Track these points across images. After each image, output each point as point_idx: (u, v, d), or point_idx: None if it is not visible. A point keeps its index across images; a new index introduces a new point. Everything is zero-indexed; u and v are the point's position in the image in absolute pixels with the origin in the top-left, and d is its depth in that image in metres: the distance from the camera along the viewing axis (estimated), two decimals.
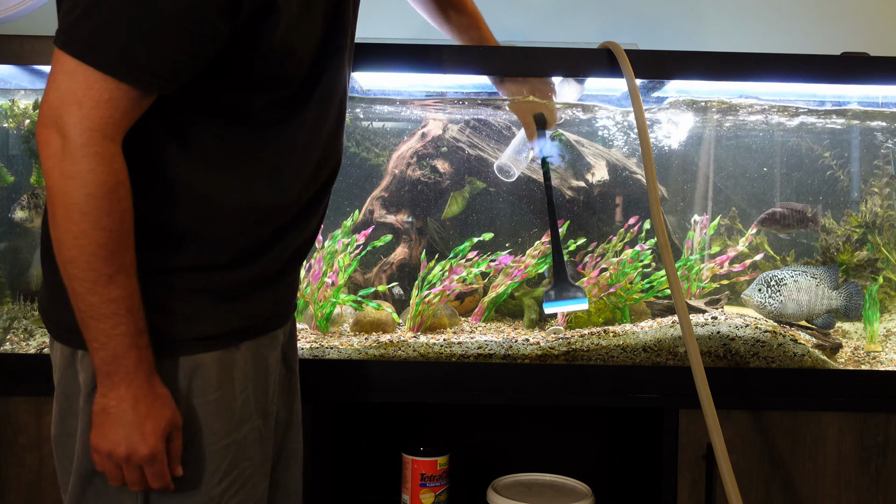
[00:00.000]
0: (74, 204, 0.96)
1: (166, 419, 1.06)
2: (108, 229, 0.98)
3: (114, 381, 1.03)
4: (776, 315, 1.79)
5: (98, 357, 1.02)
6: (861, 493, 1.65)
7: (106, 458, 1.05)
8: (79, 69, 0.95)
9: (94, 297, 0.99)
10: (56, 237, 0.99)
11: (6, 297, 1.93)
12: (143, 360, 1.03)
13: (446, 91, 1.91)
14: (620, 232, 1.95)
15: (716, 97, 1.91)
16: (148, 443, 1.04)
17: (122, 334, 1.01)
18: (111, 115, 0.96)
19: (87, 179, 0.96)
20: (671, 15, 2.29)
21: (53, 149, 0.96)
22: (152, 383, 1.05)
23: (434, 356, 1.69)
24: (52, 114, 0.96)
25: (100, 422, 1.05)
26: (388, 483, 1.89)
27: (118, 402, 1.03)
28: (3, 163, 1.93)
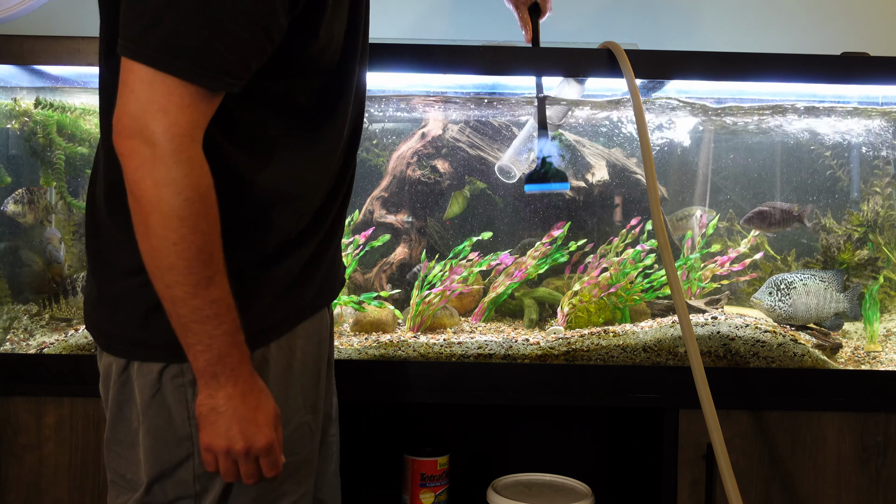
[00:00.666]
0: (172, 210, 0.96)
1: (273, 409, 1.08)
2: (205, 232, 0.99)
3: (220, 380, 1.03)
4: (786, 318, 1.80)
5: (202, 359, 1.03)
6: (861, 493, 1.65)
7: (224, 456, 1.06)
8: (156, 77, 0.95)
9: (197, 301, 1.00)
10: (152, 246, 0.99)
11: (6, 296, 1.93)
12: (244, 355, 1.05)
13: (446, 91, 1.91)
14: (623, 233, 1.95)
15: (715, 97, 1.91)
16: (264, 433, 1.06)
17: (225, 333, 1.02)
18: (195, 118, 0.97)
19: (182, 185, 0.96)
20: (671, 15, 2.29)
21: (141, 159, 0.96)
22: (255, 377, 1.07)
23: (434, 356, 1.69)
24: (134, 124, 0.96)
25: (211, 421, 1.05)
26: (388, 483, 1.89)
27: (227, 400, 1.04)
28: (3, 163, 1.93)
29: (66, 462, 1.61)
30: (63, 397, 1.60)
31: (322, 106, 1.15)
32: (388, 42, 1.60)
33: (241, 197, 1.10)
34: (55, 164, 1.87)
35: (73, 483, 1.61)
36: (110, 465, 1.18)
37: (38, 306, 1.90)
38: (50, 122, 1.86)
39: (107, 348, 1.14)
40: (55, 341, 1.70)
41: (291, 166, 1.14)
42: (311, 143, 1.15)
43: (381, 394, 1.67)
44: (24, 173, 1.94)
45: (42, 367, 1.63)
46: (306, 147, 1.15)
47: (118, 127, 0.97)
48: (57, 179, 1.88)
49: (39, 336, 1.80)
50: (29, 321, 1.88)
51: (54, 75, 1.77)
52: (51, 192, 1.93)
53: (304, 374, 1.20)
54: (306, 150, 1.15)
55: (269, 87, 1.09)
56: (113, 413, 1.15)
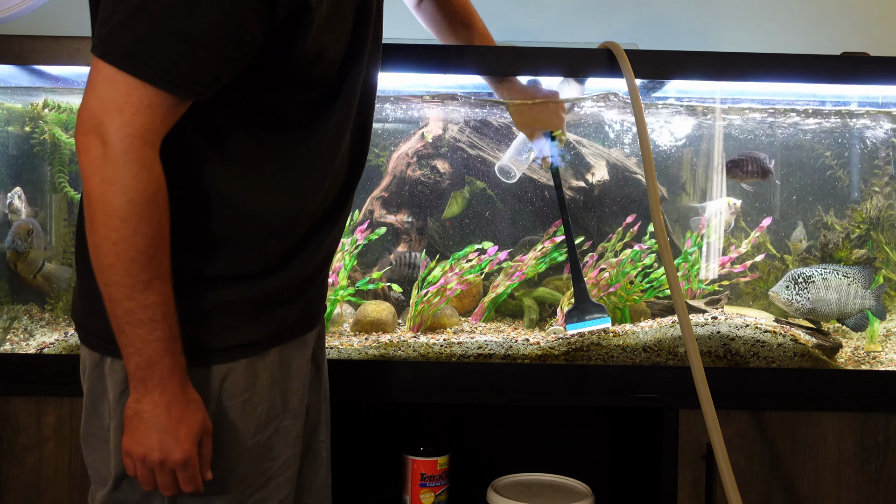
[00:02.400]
0: (115, 210, 0.97)
1: (199, 424, 1.07)
2: (147, 235, 0.98)
3: (148, 386, 1.03)
4: (804, 313, 1.76)
5: (133, 362, 1.03)
6: (861, 493, 1.65)
7: (139, 463, 1.06)
8: (118, 76, 0.96)
9: (131, 303, 1.00)
10: (94, 243, 0.99)
11: (6, 296, 1.93)
12: (177, 365, 1.04)
13: (446, 91, 1.91)
14: (619, 231, 1.94)
15: (716, 97, 1.91)
16: (182, 447, 1.04)
17: (157, 340, 1.01)
18: (151, 121, 0.97)
19: (128, 186, 0.96)
20: (671, 15, 2.29)
21: (94, 155, 0.96)
22: (185, 388, 1.06)
23: (434, 356, 1.69)
24: (92, 121, 0.97)
25: (133, 426, 1.05)
26: (388, 483, 1.89)
27: (152, 407, 1.04)
28: (3, 164, 1.93)
29: (66, 462, 1.61)
30: (63, 397, 1.60)
31: (310, 119, 1.14)
32: (388, 42, 1.59)
33: (225, 209, 1.10)
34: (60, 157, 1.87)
35: (73, 483, 1.61)
36: (87, 459, 1.18)
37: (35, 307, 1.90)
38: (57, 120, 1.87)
39: (83, 340, 1.16)
40: (55, 341, 1.70)
41: (278, 180, 1.13)
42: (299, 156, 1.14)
43: (381, 394, 1.67)
44: (28, 174, 1.94)
45: (42, 367, 1.63)
46: (295, 160, 1.14)
47: (78, 122, 0.98)
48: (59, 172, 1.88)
49: (39, 336, 1.80)
50: (29, 321, 1.88)
51: (54, 75, 1.77)
52: None
53: (284, 378, 1.19)
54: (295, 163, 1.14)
55: (258, 102, 1.09)
56: (87, 407, 1.16)
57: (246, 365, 1.14)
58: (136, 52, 0.95)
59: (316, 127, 1.15)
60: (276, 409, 1.18)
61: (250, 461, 1.16)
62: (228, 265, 1.12)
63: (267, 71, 1.06)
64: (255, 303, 1.14)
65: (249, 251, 1.13)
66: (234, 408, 1.13)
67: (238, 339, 1.13)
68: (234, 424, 1.13)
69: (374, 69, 1.25)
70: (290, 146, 1.13)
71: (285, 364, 1.20)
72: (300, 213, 1.17)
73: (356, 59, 1.17)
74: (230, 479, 1.14)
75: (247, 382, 1.14)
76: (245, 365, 1.14)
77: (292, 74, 1.08)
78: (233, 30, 0.98)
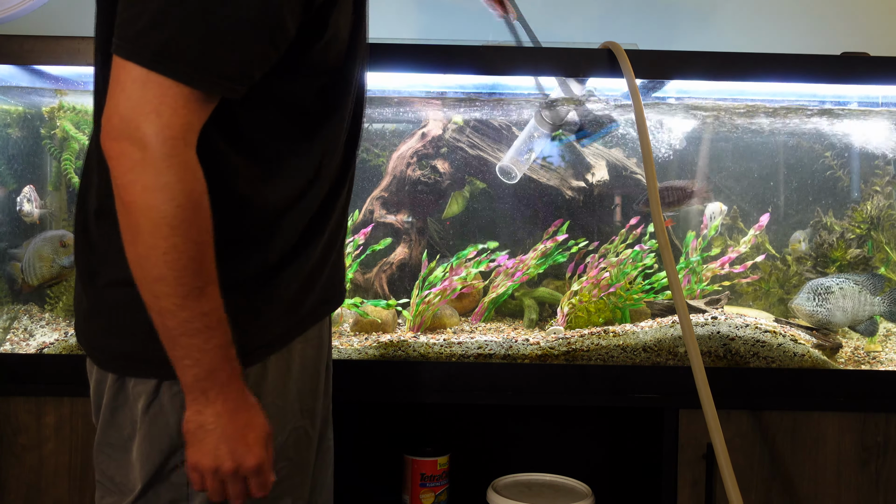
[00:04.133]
0: (162, 217, 0.92)
1: (263, 427, 1.04)
2: (196, 241, 0.94)
3: (209, 396, 0.99)
4: (824, 323, 1.79)
5: (190, 374, 0.98)
6: (861, 493, 1.65)
7: (210, 475, 1.02)
8: (150, 77, 0.91)
9: (186, 313, 0.95)
10: (140, 255, 0.94)
11: (6, 296, 1.93)
12: (235, 371, 1.01)
13: (446, 91, 1.91)
14: (622, 233, 1.95)
15: (716, 97, 1.91)
16: (254, 453, 1.02)
17: (215, 347, 0.98)
18: (189, 121, 0.93)
19: (175, 190, 0.91)
20: (671, 15, 2.29)
21: (131, 161, 0.91)
22: (245, 393, 1.03)
23: (434, 356, 1.69)
24: (125, 125, 0.92)
25: (198, 439, 1.01)
26: (388, 483, 1.89)
27: (216, 417, 1.00)
28: (4, 164, 1.93)
29: (66, 462, 1.61)
30: (63, 397, 1.60)
31: (324, 106, 1.13)
32: (388, 42, 1.60)
33: (244, 206, 1.07)
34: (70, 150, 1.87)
35: (73, 483, 1.61)
36: (99, 466, 1.16)
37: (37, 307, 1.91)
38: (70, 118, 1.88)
39: (101, 364, 1.11)
40: (55, 341, 1.70)
41: (293, 171, 1.11)
42: (312, 145, 1.13)
43: (381, 394, 1.67)
44: (33, 174, 1.94)
45: (42, 367, 1.63)
46: (307, 150, 1.12)
47: (107, 127, 0.93)
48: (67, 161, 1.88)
49: (39, 336, 1.80)
50: (29, 321, 1.88)
51: (54, 75, 1.77)
52: None
53: (302, 378, 1.18)
54: (306, 153, 1.12)
55: (278, 89, 1.06)
56: (105, 417, 1.12)
57: (276, 363, 1.13)
58: (168, 52, 0.91)
59: (329, 113, 1.13)
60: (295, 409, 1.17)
61: (285, 460, 1.15)
62: (254, 263, 1.09)
63: (294, 59, 1.03)
64: (276, 295, 1.12)
65: (269, 246, 1.10)
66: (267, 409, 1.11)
67: (268, 334, 1.11)
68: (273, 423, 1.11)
69: (366, 61, 1.24)
70: (308, 135, 1.11)
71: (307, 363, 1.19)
72: (311, 201, 1.14)
73: (358, 40, 1.16)
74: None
75: (276, 383, 1.13)
76: (275, 363, 1.13)
77: (316, 60, 1.06)
78: (269, 27, 0.96)
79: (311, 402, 1.21)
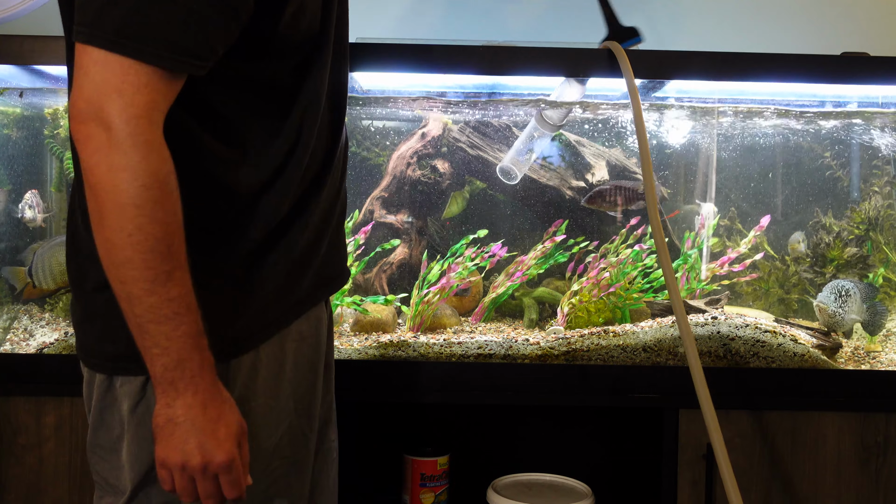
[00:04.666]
0: (127, 198, 0.90)
1: (236, 423, 1.00)
2: (163, 222, 0.92)
3: (178, 388, 0.96)
4: (839, 324, 1.78)
5: (159, 364, 0.95)
6: (861, 493, 1.65)
7: (179, 472, 0.98)
8: (111, 58, 0.90)
9: (154, 298, 0.93)
10: (105, 238, 0.92)
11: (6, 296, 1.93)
12: (206, 361, 0.97)
13: (446, 91, 1.91)
14: (623, 233, 1.95)
15: (716, 97, 1.91)
16: (224, 448, 0.97)
17: (184, 335, 0.95)
18: (153, 98, 0.91)
19: (139, 170, 0.89)
20: (671, 15, 2.29)
21: (97, 143, 0.90)
22: (217, 386, 0.99)
23: (434, 356, 1.69)
24: (89, 107, 0.90)
25: (167, 434, 0.97)
26: (388, 483, 1.89)
27: (186, 410, 0.96)
28: (4, 164, 1.93)
29: (66, 462, 1.61)
30: (63, 397, 1.60)
31: (298, 84, 1.10)
32: (388, 42, 1.60)
33: (220, 189, 1.05)
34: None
35: (73, 483, 1.61)
36: (94, 467, 1.14)
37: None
38: None
39: (92, 366, 1.10)
40: (55, 341, 1.70)
41: (268, 152, 1.08)
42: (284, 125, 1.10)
43: (381, 394, 1.67)
44: (34, 175, 1.94)
45: (42, 367, 1.63)
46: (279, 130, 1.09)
47: (73, 112, 0.91)
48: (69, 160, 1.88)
49: (39, 336, 1.80)
50: (29, 321, 1.88)
51: (54, 75, 1.77)
52: None
53: (296, 377, 1.16)
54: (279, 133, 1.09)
55: (249, 68, 1.04)
56: (94, 418, 1.11)
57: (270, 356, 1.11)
58: (126, 31, 0.89)
59: (306, 89, 1.10)
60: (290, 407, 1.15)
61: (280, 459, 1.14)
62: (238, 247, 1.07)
63: (259, 37, 1.02)
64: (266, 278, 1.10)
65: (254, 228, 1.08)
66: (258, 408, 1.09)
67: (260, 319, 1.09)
68: (260, 424, 1.09)
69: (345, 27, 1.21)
70: (287, 113, 1.09)
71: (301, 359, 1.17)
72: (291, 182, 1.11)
73: (330, 20, 1.13)
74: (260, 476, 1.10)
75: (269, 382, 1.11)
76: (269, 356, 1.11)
77: (281, 36, 1.04)
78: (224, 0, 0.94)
79: (308, 401, 1.19)
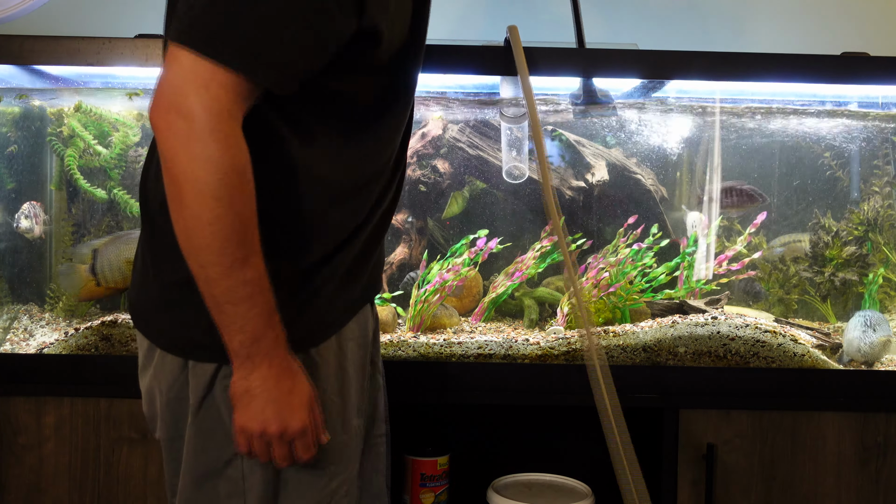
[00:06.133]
0: (207, 188, 0.94)
1: (307, 392, 1.07)
2: (239, 212, 0.97)
3: (254, 361, 1.03)
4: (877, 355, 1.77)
5: (236, 340, 1.02)
6: (861, 493, 1.65)
7: (257, 438, 1.05)
8: (201, 60, 0.94)
9: (231, 281, 0.98)
10: (186, 226, 0.97)
11: (6, 296, 1.93)
12: (280, 337, 1.04)
13: (446, 91, 1.91)
14: (620, 232, 1.95)
15: (716, 97, 1.91)
16: (298, 416, 1.05)
17: (259, 314, 1.01)
18: (236, 99, 0.96)
19: (218, 162, 0.94)
20: (671, 15, 2.29)
21: (178, 132, 0.94)
22: (289, 359, 1.06)
23: (434, 356, 1.69)
24: (174, 97, 0.95)
25: (245, 404, 1.04)
26: (388, 483, 1.89)
27: (262, 382, 1.03)
28: (4, 164, 1.93)
29: (66, 462, 1.61)
30: (63, 397, 1.60)
31: (383, 101, 1.15)
32: None
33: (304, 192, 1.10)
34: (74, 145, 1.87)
35: (73, 483, 1.61)
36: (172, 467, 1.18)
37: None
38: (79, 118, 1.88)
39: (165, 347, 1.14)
40: (55, 341, 1.70)
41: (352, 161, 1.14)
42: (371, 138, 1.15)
43: None
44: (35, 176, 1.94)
45: (42, 367, 1.63)
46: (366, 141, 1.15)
47: (156, 99, 0.96)
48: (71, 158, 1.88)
49: (39, 336, 1.80)
50: (29, 321, 1.88)
51: (54, 75, 1.77)
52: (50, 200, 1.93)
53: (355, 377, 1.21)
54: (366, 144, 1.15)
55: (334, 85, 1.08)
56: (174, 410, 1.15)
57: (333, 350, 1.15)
58: (220, 39, 0.94)
59: (385, 108, 1.15)
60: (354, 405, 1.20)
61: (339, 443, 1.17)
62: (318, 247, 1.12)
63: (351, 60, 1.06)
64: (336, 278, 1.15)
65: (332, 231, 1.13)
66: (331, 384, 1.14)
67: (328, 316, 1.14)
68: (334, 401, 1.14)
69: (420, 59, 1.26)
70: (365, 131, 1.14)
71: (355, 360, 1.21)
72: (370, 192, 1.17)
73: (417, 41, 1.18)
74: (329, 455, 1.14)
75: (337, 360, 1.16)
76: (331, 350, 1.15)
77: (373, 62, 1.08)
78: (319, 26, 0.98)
79: (358, 400, 1.23)
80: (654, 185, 2.03)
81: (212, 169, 0.94)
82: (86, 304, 1.89)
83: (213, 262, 0.98)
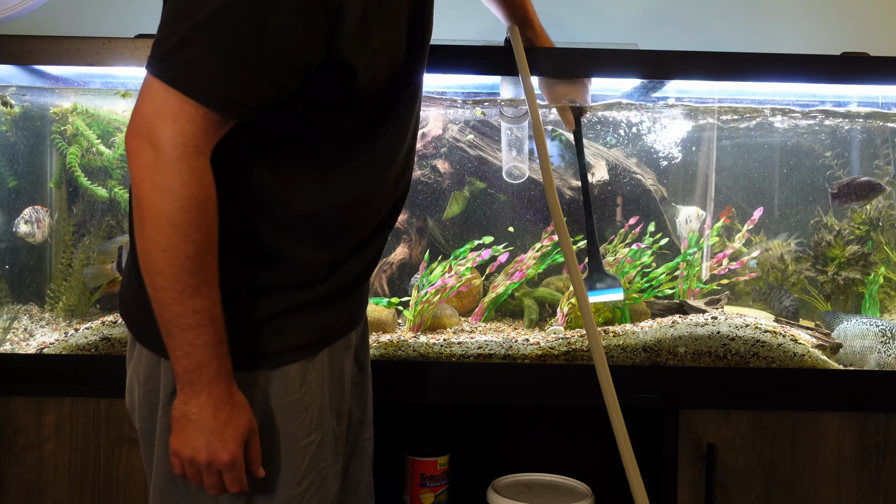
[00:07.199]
0: (165, 217, 0.98)
1: (244, 425, 1.08)
2: (196, 242, 0.99)
3: (195, 388, 1.05)
4: None
5: (180, 365, 1.04)
6: (861, 493, 1.65)
7: (187, 464, 1.08)
8: (172, 92, 0.97)
9: (180, 308, 1.01)
10: (143, 249, 1.00)
11: (6, 296, 1.93)
12: (223, 368, 1.06)
13: (446, 91, 1.91)
14: (621, 232, 1.95)
15: (716, 97, 1.91)
16: (228, 449, 1.06)
17: (204, 344, 1.03)
18: (204, 131, 0.99)
19: (178, 193, 0.97)
20: (671, 15, 2.29)
21: (145, 160, 0.98)
22: (231, 391, 1.07)
23: (434, 356, 1.69)
24: (144, 126, 0.98)
25: (181, 427, 1.07)
26: (388, 483, 1.89)
27: (199, 410, 1.05)
28: (6, 164, 1.93)
29: (66, 462, 1.61)
30: (63, 397, 1.60)
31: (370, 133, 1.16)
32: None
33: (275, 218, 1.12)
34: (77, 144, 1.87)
35: (73, 483, 1.61)
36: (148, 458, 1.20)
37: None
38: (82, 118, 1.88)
39: (144, 342, 1.17)
40: (55, 341, 1.70)
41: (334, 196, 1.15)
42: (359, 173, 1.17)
43: (381, 394, 1.66)
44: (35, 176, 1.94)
45: (42, 367, 1.63)
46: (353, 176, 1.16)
47: (130, 125, 1.00)
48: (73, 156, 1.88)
49: (39, 336, 1.80)
50: (29, 321, 1.88)
51: (54, 75, 1.77)
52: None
53: (328, 383, 1.21)
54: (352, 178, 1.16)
55: (315, 115, 1.10)
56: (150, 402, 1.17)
57: (298, 368, 1.16)
58: (191, 74, 0.97)
59: (371, 141, 1.17)
60: (326, 408, 1.20)
61: (306, 462, 1.17)
62: (284, 273, 1.14)
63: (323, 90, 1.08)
64: (305, 307, 1.16)
65: (303, 259, 1.15)
66: (285, 407, 1.15)
67: (291, 342, 1.15)
68: (286, 424, 1.15)
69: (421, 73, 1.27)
70: (345, 159, 1.15)
71: (334, 364, 1.22)
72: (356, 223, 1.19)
73: (409, 74, 1.19)
74: (286, 479, 1.15)
75: (299, 383, 1.16)
76: (297, 368, 1.16)
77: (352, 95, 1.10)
78: (288, 56, 1.00)
79: (339, 401, 1.24)
80: (655, 185, 2.03)
81: (170, 199, 0.97)
82: (86, 304, 1.90)
83: (165, 287, 1.00)
